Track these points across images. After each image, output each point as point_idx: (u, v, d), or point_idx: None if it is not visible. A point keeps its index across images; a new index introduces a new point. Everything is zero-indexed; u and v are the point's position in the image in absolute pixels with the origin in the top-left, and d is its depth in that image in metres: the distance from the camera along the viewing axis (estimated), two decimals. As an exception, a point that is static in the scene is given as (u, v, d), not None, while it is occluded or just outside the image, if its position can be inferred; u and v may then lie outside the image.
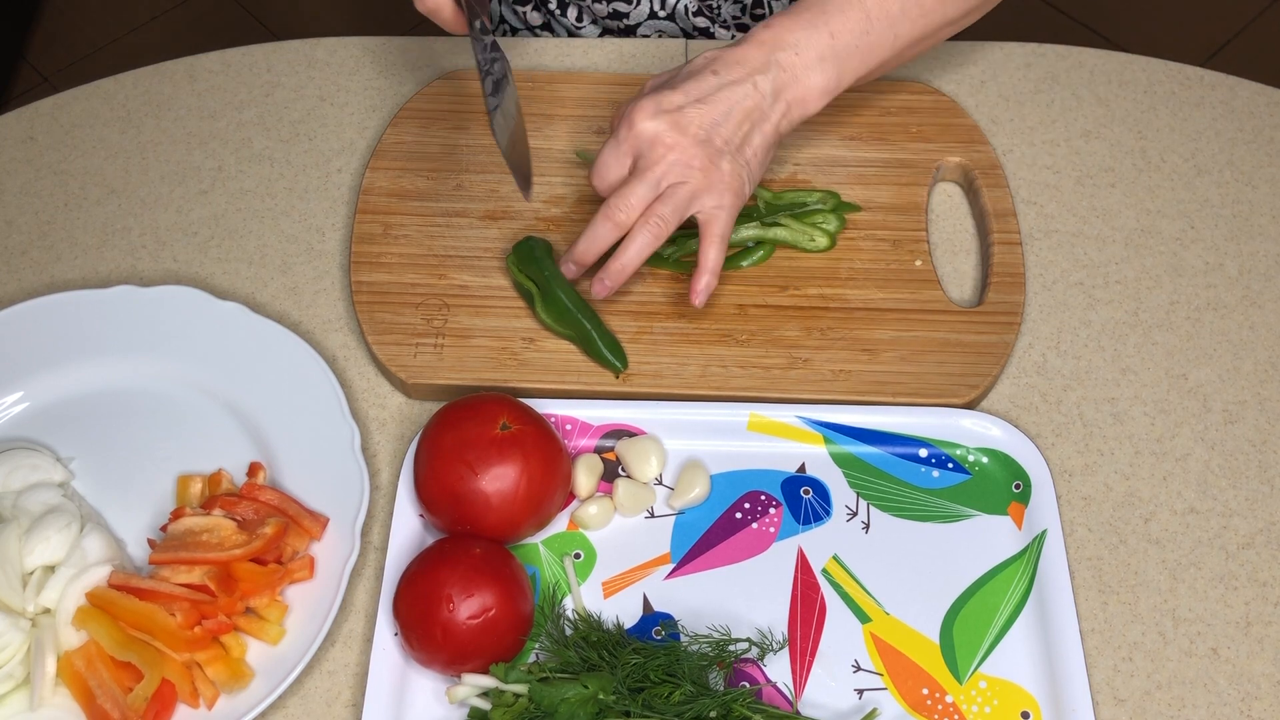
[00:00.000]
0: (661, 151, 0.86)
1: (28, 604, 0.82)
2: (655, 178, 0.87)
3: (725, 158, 0.87)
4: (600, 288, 0.90)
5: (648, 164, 0.87)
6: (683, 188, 0.87)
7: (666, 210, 0.87)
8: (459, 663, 0.79)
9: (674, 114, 0.87)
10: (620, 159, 0.88)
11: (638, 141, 0.87)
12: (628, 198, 0.87)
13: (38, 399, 0.94)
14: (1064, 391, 0.94)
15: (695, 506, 0.88)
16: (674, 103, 0.87)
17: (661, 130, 0.86)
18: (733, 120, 0.87)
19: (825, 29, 0.89)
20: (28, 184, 1.07)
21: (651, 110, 0.87)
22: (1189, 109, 1.09)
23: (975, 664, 0.82)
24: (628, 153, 0.88)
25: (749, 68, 0.88)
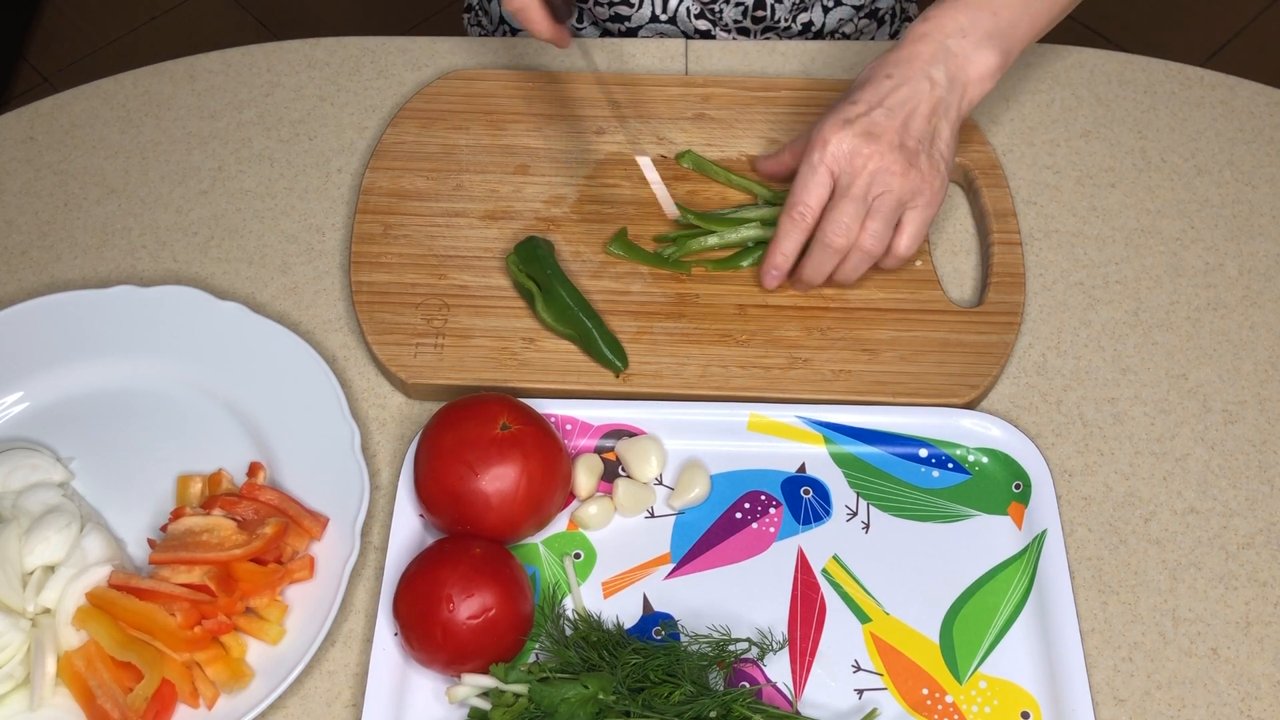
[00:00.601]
0: (860, 164, 0.87)
1: (28, 604, 0.82)
2: (861, 193, 0.88)
3: (921, 156, 0.88)
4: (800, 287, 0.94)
5: (851, 180, 0.88)
6: (888, 197, 0.88)
7: (880, 226, 0.89)
8: (459, 663, 0.79)
9: (863, 123, 0.88)
10: (821, 181, 0.88)
11: (835, 160, 0.88)
12: (842, 220, 0.88)
13: (38, 399, 0.94)
14: (1064, 391, 0.94)
15: (695, 506, 0.88)
16: (859, 113, 0.88)
17: (856, 143, 0.87)
18: (920, 118, 0.88)
19: (987, 9, 0.90)
20: (28, 184, 1.07)
21: (839, 126, 0.88)
22: (1189, 109, 1.09)
23: (975, 664, 0.82)
24: (826, 173, 0.88)
25: (920, 62, 0.89)
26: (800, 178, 0.89)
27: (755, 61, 1.13)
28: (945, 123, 0.90)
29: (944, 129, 0.90)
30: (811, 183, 0.88)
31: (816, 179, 0.88)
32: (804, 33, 1.20)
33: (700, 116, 1.06)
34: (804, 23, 1.19)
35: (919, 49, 0.90)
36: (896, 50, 0.91)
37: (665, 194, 0.98)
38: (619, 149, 1.05)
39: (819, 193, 0.89)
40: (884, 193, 0.88)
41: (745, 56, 1.13)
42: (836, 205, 0.88)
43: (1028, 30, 0.92)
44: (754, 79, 1.08)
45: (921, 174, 0.88)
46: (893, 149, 0.87)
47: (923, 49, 0.90)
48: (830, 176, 0.88)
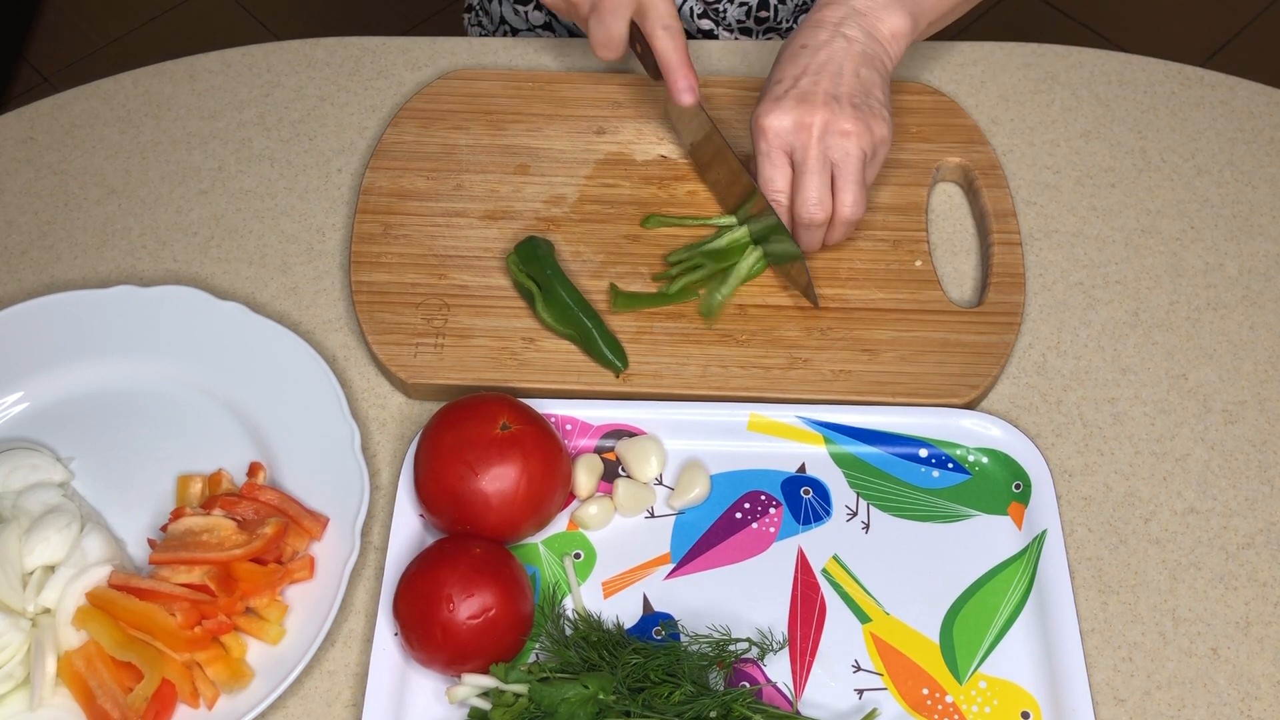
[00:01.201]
0: (806, 132, 0.88)
1: (28, 604, 0.82)
2: (818, 163, 0.88)
3: (861, 109, 0.88)
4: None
5: (804, 153, 0.88)
6: (849, 159, 0.88)
7: (853, 194, 0.89)
8: (459, 663, 0.79)
9: (793, 94, 0.88)
10: (778, 166, 0.89)
11: (781, 139, 0.88)
12: (810, 196, 0.88)
13: (38, 399, 0.94)
14: (1064, 391, 0.94)
15: (695, 506, 0.88)
16: (784, 88, 0.89)
17: (795, 114, 0.88)
18: (847, 73, 0.89)
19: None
20: (28, 184, 1.07)
21: (772, 106, 0.88)
22: (1189, 109, 1.09)
23: (975, 664, 0.82)
24: (780, 155, 0.89)
25: (831, 24, 0.90)
26: (760, 170, 0.90)
27: (755, 61, 1.13)
28: (874, 73, 0.90)
29: (874, 79, 0.90)
30: (769, 169, 0.89)
31: (773, 163, 0.89)
32: None
33: (700, 116, 1.06)
34: None
35: (826, 14, 0.91)
36: (805, 22, 0.92)
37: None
38: (619, 149, 1.05)
39: (783, 175, 0.89)
40: (843, 156, 0.88)
41: (745, 56, 1.13)
42: (800, 182, 0.89)
43: (934, 6, 0.94)
44: (754, 79, 1.08)
45: (867, 124, 0.88)
46: (829, 105, 0.87)
47: (830, 14, 0.91)
48: (785, 156, 0.89)
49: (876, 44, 0.91)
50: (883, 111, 0.90)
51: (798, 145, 0.88)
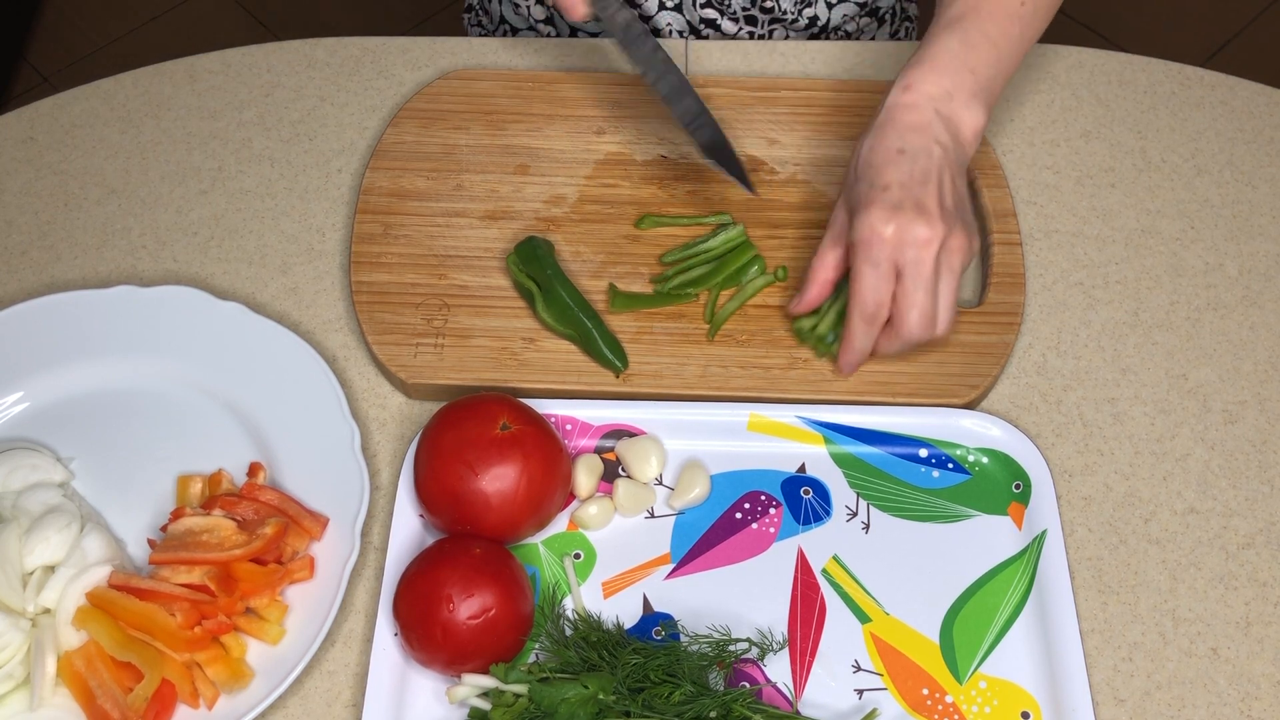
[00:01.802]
0: (924, 250, 0.85)
1: (28, 604, 0.82)
2: (929, 281, 0.86)
3: (960, 220, 0.87)
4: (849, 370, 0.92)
5: (917, 270, 0.86)
6: (948, 279, 0.87)
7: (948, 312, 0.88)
8: (459, 663, 0.79)
9: (909, 206, 0.86)
10: (886, 275, 0.86)
11: (896, 251, 0.86)
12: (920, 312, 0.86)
13: (38, 399, 0.94)
14: (1064, 391, 0.94)
15: (695, 506, 0.88)
16: (897, 197, 0.86)
17: (914, 228, 0.85)
18: (946, 182, 0.88)
19: (965, 69, 0.90)
20: (28, 184, 1.07)
21: (891, 213, 0.85)
22: (1189, 109, 1.09)
23: (975, 664, 0.82)
24: (891, 266, 0.86)
25: (922, 131, 0.88)
26: (864, 276, 0.86)
27: (755, 61, 1.13)
28: (962, 180, 0.90)
29: (961, 183, 0.90)
30: (878, 280, 0.86)
31: (880, 274, 0.86)
32: (810, 27, 1.20)
33: (700, 116, 1.06)
34: (809, 17, 1.19)
35: (914, 119, 0.89)
36: (890, 123, 0.89)
37: None
38: (619, 149, 1.05)
39: (888, 287, 0.87)
40: (949, 273, 0.87)
41: (745, 56, 1.13)
42: (912, 299, 0.86)
43: (1003, 82, 0.93)
44: (754, 79, 1.08)
45: (967, 235, 0.87)
46: (941, 222, 0.86)
47: (917, 118, 0.89)
48: (894, 268, 0.86)
49: (962, 148, 0.90)
50: (973, 221, 0.89)
51: (912, 260, 0.85)
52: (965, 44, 0.91)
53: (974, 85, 0.90)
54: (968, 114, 0.90)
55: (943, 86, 0.89)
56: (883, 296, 0.87)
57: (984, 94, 0.91)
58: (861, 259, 0.86)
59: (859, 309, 0.87)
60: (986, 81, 0.91)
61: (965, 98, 0.90)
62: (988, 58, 0.91)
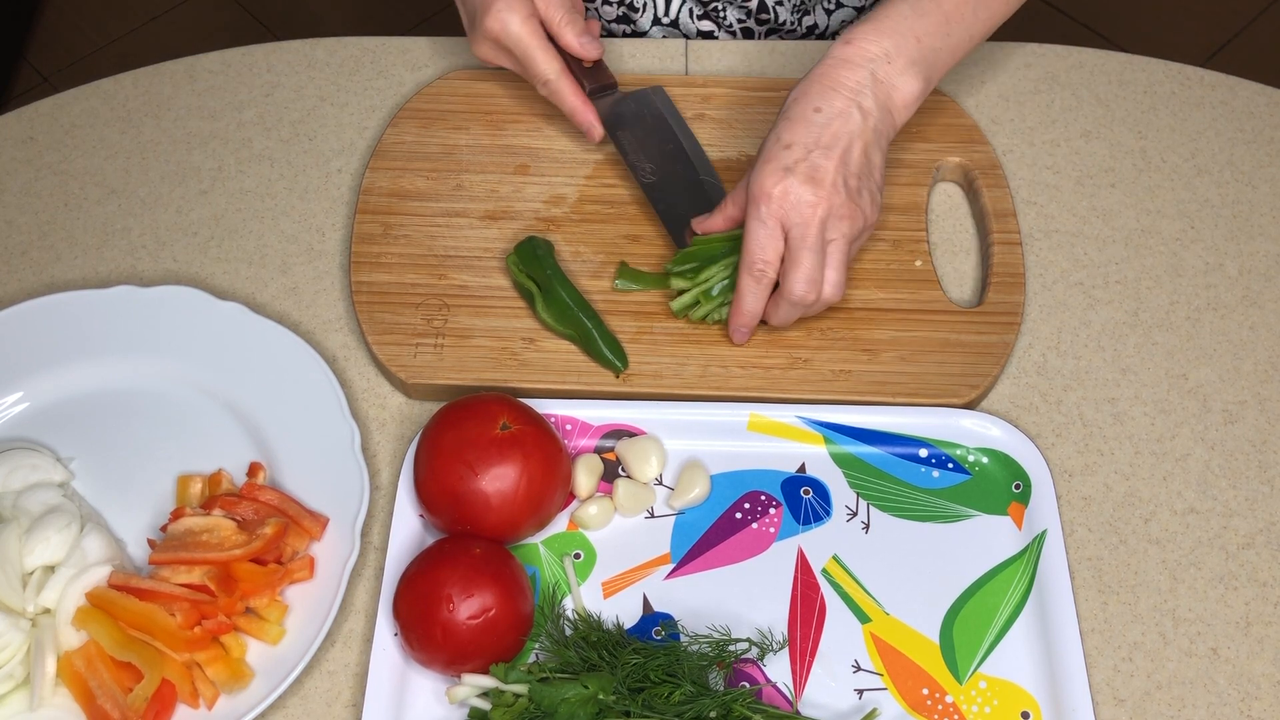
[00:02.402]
0: (809, 212, 0.85)
1: (28, 604, 0.82)
2: (816, 243, 0.86)
3: (864, 193, 0.87)
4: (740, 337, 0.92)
5: (804, 231, 0.86)
6: (843, 244, 0.87)
7: (837, 275, 0.88)
8: (459, 663, 0.79)
9: (804, 169, 0.86)
10: (773, 234, 0.86)
11: (784, 210, 0.86)
12: (804, 274, 0.86)
13: (38, 399, 0.94)
14: (1064, 391, 0.94)
15: (695, 506, 0.88)
16: (795, 157, 0.86)
17: (802, 191, 0.85)
18: (856, 153, 0.87)
19: (911, 35, 0.89)
20: (28, 184, 1.07)
21: (781, 175, 0.86)
22: (1189, 109, 1.09)
23: (975, 664, 0.82)
24: (777, 225, 0.86)
25: (848, 91, 0.87)
26: (752, 233, 0.87)
27: (755, 61, 1.13)
28: (878, 152, 0.89)
29: (877, 159, 0.89)
30: (765, 237, 0.86)
31: (768, 232, 0.86)
32: (808, 35, 1.20)
33: (700, 116, 1.06)
34: (808, 25, 1.19)
35: (843, 75, 0.88)
36: (820, 77, 0.88)
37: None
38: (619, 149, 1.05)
39: (775, 245, 0.87)
40: (838, 239, 0.87)
41: (745, 56, 1.13)
42: (796, 258, 0.86)
43: (948, 59, 0.92)
44: (754, 79, 1.08)
45: (864, 211, 0.87)
46: (838, 190, 0.86)
47: (848, 75, 0.88)
48: (781, 227, 0.86)
49: (889, 116, 0.89)
50: (878, 195, 0.89)
51: (798, 222, 0.86)
52: (915, 10, 0.90)
53: (915, 52, 0.89)
54: (902, 80, 0.88)
55: (883, 47, 0.88)
56: (769, 254, 0.87)
57: (924, 64, 0.89)
58: (750, 215, 0.87)
59: (745, 264, 0.88)
60: (930, 52, 0.90)
61: (903, 63, 0.88)
62: (936, 27, 0.90)
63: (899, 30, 0.89)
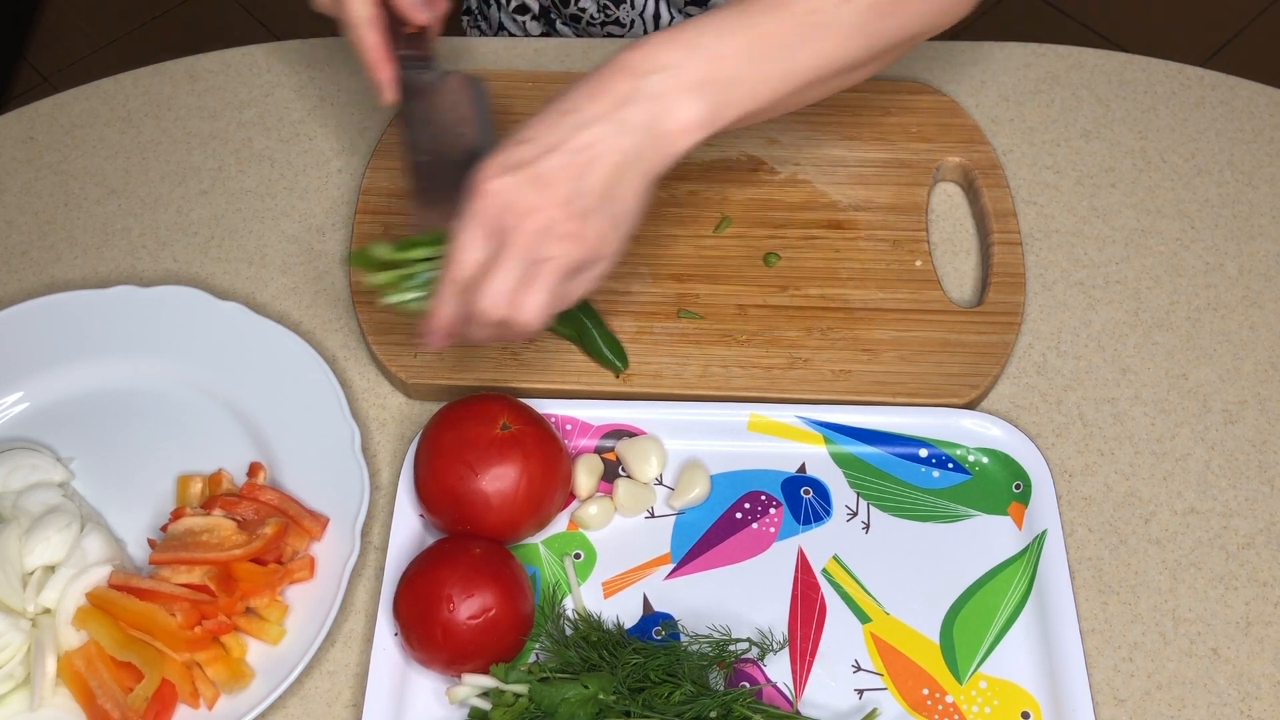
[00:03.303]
0: (519, 218, 0.72)
1: (28, 604, 0.82)
2: (522, 256, 0.73)
3: (595, 216, 0.74)
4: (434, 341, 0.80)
5: (511, 239, 0.73)
6: (553, 265, 0.74)
7: (540, 300, 0.75)
8: (459, 663, 0.79)
9: (529, 169, 0.72)
10: (476, 238, 0.74)
11: (491, 211, 0.73)
12: (497, 290, 0.74)
13: (38, 399, 0.94)
14: (1064, 391, 0.94)
15: (695, 506, 0.88)
16: (525, 156, 0.73)
17: (519, 193, 0.72)
18: (601, 169, 0.73)
19: (708, 51, 0.75)
20: (28, 184, 1.07)
21: (501, 170, 0.73)
22: (1189, 109, 1.09)
23: (975, 664, 0.82)
24: (483, 226, 0.73)
25: (612, 99, 0.74)
26: (459, 230, 0.74)
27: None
28: (634, 177, 0.74)
29: (630, 184, 0.74)
30: (468, 238, 0.74)
31: (473, 233, 0.74)
32: None
33: (700, 116, 1.06)
34: None
35: (614, 82, 0.74)
36: (591, 77, 0.75)
37: None
38: (619, 149, 1.05)
39: (477, 250, 0.74)
40: (548, 259, 0.73)
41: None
42: (495, 268, 0.74)
43: (752, 90, 0.76)
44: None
45: (591, 239, 0.74)
46: (561, 204, 0.72)
47: (619, 84, 0.74)
48: (488, 229, 0.73)
49: (656, 142, 0.74)
50: (620, 226, 0.75)
51: (508, 227, 0.73)
52: (721, 26, 0.76)
53: (708, 74, 0.74)
54: (682, 104, 0.74)
55: (671, 58, 0.74)
56: (469, 255, 0.74)
57: (716, 89, 0.75)
58: (465, 210, 0.74)
59: (446, 262, 0.76)
60: (724, 77, 0.75)
61: (689, 83, 0.74)
62: (743, 50, 0.75)
63: (695, 44, 0.75)
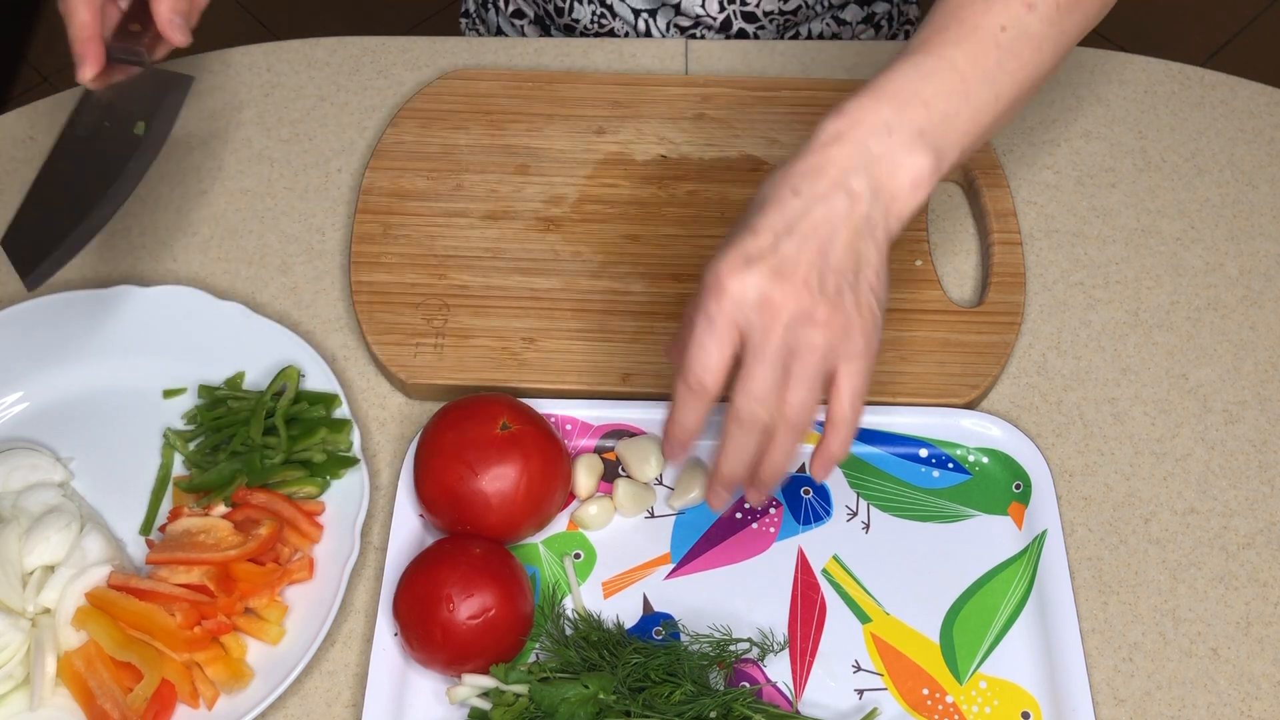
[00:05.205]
0: (772, 314, 0.69)
1: (28, 604, 0.82)
2: (777, 353, 0.69)
3: (846, 294, 0.70)
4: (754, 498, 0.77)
5: (763, 337, 0.69)
6: (812, 357, 0.70)
7: (805, 396, 0.70)
8: (459, 663, 0.79)
9: (770, 260, 0.69)
10: (722, 342, 0.70)
11: (739, 310, 0.69)
12: (757, 390, 0.70)
13: (38, 399, 0.94)
14: (1064, 391, 0.94)
15: (695, 506, 0.88)
16: (763, 247, 0.69)
17: (764, 287, 0.69)
18: (840, 244, 0.70)
19: (916, 99, 0.72)
20: (27, 184, 1.07)
21: (740, 265, 0.69)
22: (1189, 109, 1.09)
23: (975, 664, 0.82)
24: (729, 327, 0.69)
25: (834, 171, 0.70)
26: (695, 333, 0.70)
27: (755, 61, 1.13)
28: (872, 245, 0.71)
29: (871, 253, 0.71)
30: (710, 341, 0.70)
31: (716, 336, 0.69)
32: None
33: (700, 116, 1.06)
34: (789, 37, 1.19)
35: (832, 154, 0.71)
36: (804, 156, 0.71)
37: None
38: (619, 149, 1.05)
39: (720, 353, 0.70)
40: (805, 351, 0.69)
41: (745, 56, 1.13)
42: (749, 370, 0.70)
43: (968, 125, 0.73)
44: (754, 79, 1.08)
45: (848, 318, 0.70)
46: (809, 290, 0.69)
47: (837, 153, 0.70)
48: (734, 331, 0.70)
49: (883, 202, 0.71)
50: (871, 300, 0.71)
51: (756, 325, 0.69)
52: (919, 71, 0.73)
53: (924, 120, 0.72)
54: (907, 157, 0.71)
55: (881, 116, 0.71)
56: (711, 360, 0.70)
57: (935, 133, 0.72)
58: (696, 309, 0.71)
59: (682, 369, 0.71)
60: (941, 118, 0.72)
61: (908, 135, 0.71)
62: (948, 87, 0.73)
63: (900, 95, 0.72)
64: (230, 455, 0.87)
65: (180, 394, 0.93)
